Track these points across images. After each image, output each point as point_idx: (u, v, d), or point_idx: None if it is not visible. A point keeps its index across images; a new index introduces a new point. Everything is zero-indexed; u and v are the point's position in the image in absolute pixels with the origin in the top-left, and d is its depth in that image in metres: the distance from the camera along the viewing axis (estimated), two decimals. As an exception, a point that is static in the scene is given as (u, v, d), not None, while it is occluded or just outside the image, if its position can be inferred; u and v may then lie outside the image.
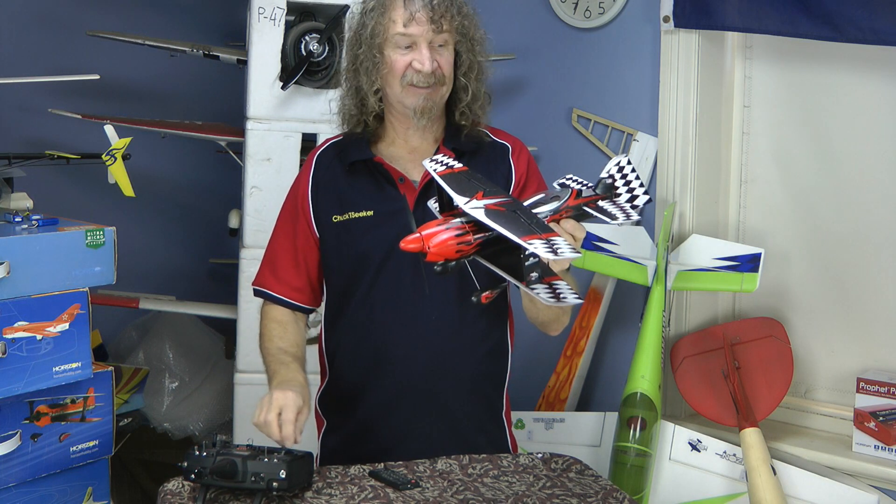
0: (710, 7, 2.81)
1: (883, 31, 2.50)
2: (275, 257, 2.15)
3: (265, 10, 2.97)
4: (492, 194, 1.55)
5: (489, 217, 1.49)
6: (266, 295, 2.15)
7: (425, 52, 1.96)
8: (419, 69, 1.97)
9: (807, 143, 2.90)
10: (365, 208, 2.04)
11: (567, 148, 3.30)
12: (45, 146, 2.97)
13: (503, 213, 1.50)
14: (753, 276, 2.72)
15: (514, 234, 1.45)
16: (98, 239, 2.25)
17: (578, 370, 3.13)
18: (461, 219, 1.56)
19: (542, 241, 1.44)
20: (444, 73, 2.00)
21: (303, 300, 2.14)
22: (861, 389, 2.64)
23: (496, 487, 1.86)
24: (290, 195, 2.15)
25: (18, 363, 2.12)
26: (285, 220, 2.15)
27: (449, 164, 1.68)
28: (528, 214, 1.52)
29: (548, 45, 3.34)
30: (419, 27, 1.95)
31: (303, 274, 2.12)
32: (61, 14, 3.66)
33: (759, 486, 2.54)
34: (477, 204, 1.53)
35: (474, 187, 1.57)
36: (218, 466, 1.71)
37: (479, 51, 2.06)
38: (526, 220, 1.49)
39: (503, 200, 1.54)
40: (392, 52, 1.98)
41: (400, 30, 1.96)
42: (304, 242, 2.11)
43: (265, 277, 2.16)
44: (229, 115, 3.57)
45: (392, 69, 1.99)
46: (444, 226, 1.56)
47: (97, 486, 2.38)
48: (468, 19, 2.02)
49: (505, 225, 1.47)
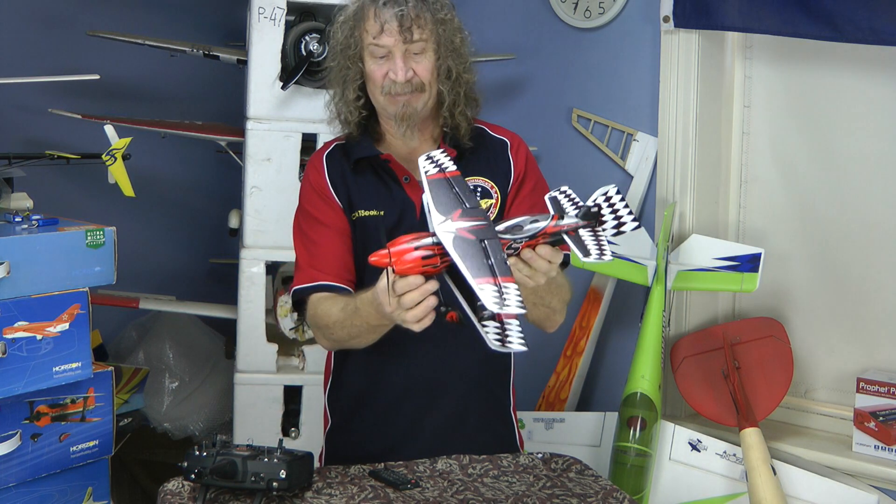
0: (710, 7, 2.81)
1: (883, 31, 2.50)
2: (312, 257, 2.04)
3: (265, 10, 2.97)
4: (469, 215, 1.55)
5: (455, 247, 1.49)
6: (311, 289, 2.02)
7: (399, 62, 1.97)
8: (393, 79, 1.98)
9: (807, 143, 2.90)
10: (375, 207, 2.04)
11: (567, 148, 3.30)
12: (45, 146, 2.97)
13: (470, 243, 1.50)
14: (753, 276, 2.72)
15: (471, 271, 1.45)
16: (98, 239, 2.25)
17: (578, 370, 3.13)
18: (433, 239, 1.56)
19: (494, 288, 1.43)
20: (423, 79, 1.99)
21: (350, 282, 2.03)
22: (861, 389, 2.64)
23: (496, 487, 1.86)
24: (310, 198, 2.08)
25: (18, 363, 2.12)
26: (312, 223, 2.06)
27: (442, 166, 1.67)
28: (495, 248, 1.51)
29: (548, 45, 3.34)
30: (390, 37, 1.96)
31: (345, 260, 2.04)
32: (61, 14, 3.65)
33: (759, 486, 2.54)
34: (449, 227, 1.53)
35: (455, 202, 1.57)
36: (218, 466, 1.71)
37: (459, 55, 2.04)
38: (489, 256, 1.48)
39: (477, 225, 1.53)
40: (370, 62, 2.00)
41: (372, 41, 1.97)
42: (338, 234, 2.04)
43: (306, 275, 2.04)
44: (229, 115, 3.57)
45: (371, 79, 2.01)
46: (414, 243, 1.56)
47: (97, 486, 2.38)
48: (444, 25, 2.00)
49: (466, 259, 1.47)
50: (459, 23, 2.05)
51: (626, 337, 3.10)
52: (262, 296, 3.11)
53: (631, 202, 3.10)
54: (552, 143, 3.33)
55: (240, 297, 3.10)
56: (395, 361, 2.04)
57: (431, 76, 2.01)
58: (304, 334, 3.16)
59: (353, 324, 1.88)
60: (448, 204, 1.58)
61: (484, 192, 2.06)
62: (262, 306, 3.11)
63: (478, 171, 2.08)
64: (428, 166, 1.67)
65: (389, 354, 2.02)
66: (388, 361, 2.04)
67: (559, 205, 1.68)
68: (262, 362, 3.12)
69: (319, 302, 1.99)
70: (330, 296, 1.99)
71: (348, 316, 1.89)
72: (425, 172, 1.65)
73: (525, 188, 2.09)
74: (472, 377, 2.08)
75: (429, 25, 1.98)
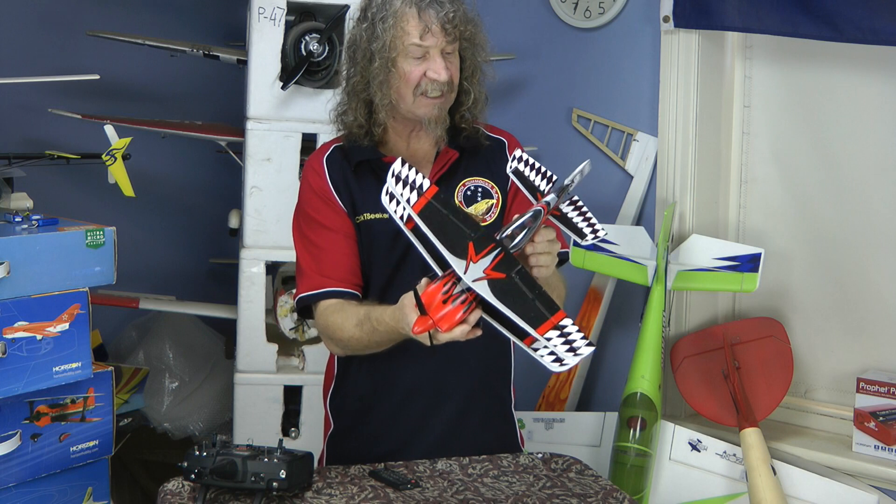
0: (710, 7, 2.81)
1: (883, 31, 2.50)
2: (317, 263, 2.03)
3: (265, 10, 2.97)
4: (481, 245, 1.55)
5: (496, 296, 1.51)
6: (318, 296, 2.01)
7: (440, 61, 1.95)
8: (434, 78, 1.95)
9: (807, 143, 2.90)
10: (380, 210, 2.00)
11: (567, 148, 3.30)
12: (45, 146, 2.97)
13: (506, 285, 1.52)
14: (753, 276, 2.72)
15: (526, 321, 1.48)
16: (98, 239, 2.25)
17: (578, 370, 3.13)
18: (462, 287, 1.56)
19: (558, 335, 1.47)
20: (454, 79, 2.00)
21: (357, 286, 2.03)
22: (861, 389, 2.64)
23: (496, 487, 1.86)
24: (312, 201, 2.06)
25: (18, 363, 2.12)
26: (315, 228, 2.05)
27: (414, 185, 1.63)
28: (526, 277, 1.53)
29: (548, 45, 3.34)
30: (434, 38, 1.94)
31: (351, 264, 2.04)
32: (61, 14, 3.66)
33: (759, 486, 2.54)
34: (476, 272, 1.53)
35: (459, 233, 1.57)
36: (218, 466, 1.71)
37: (482, 54, 2.05)
38: (528, 289, 1.51)
39: (496, 255, 1.54)
40: (405, 63, 1.96)
41: (415, 41, 1.94)
42: (343, 237, 2.03)
43: (312, 281, 2.03)
44: (229, 115, 3.57)
45: (406, 80, 1.96)
46: (450, 304, 1.57)
47: (97, 486, 2.38)
48: (474, 25, 2.02)
49: (515, 308, 1.50)
50: (482, 23, 2.06)
51: (626, 337, 3.10)
52: (262, 296, 3.11)
53: (631, 202, 3.11)
54: (552, 143, 3.32)
55: (240, 297, 3.10)
56: (401, 363, 2.03)
57: (458, 75, 2.01)
58: (304, 334, 3.16)
59: (371, 340, 1.91)
60: (456, 241, 1.57)
61: (484, 192, 2.06)
62: (262, 306, 3.11)
63: (477, 171, 2.08)
64: (405, 192, 1.62)
65: (395, 357, 2.01)
66: (395, 364, 2.04)
67: (525, 178, 1.75)
68: (262, 362, 3.12)
69: (330, 313, 1.99)
70: (339, 306, 1.98)
71: (366, 334, 1.91)
72: (407, 201, 1.61)
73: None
74: (477, 376, 2.08)
75: (467, 27, 1.99)
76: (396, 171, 1.65)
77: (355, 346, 1.97)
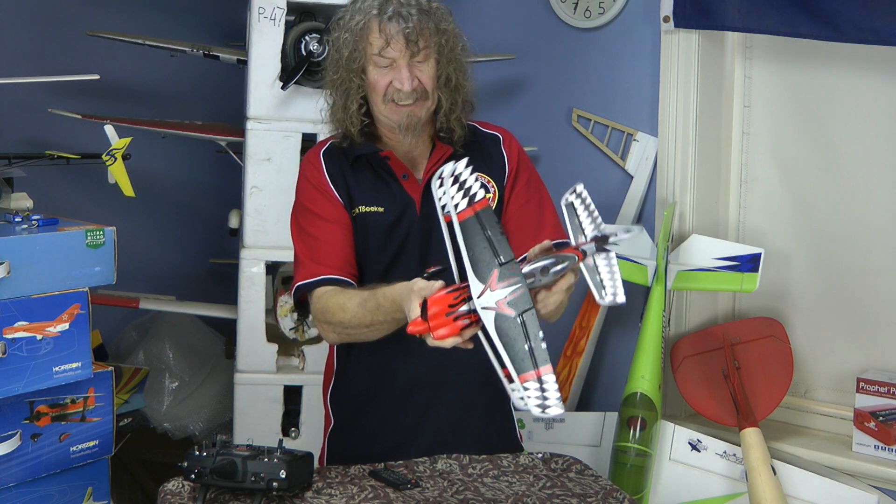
0: (710, 7, 2.81)
1: (883, 31, 2.50)
2: (312, 252, 2.04)
3: (265, 10, 2.97)
4: (506, 276, 1.54)
5: (496, 330, 1.52)
6: (315, 284, 2.00)
7: (405, 72, 1.97)
8: (399, 88, 1.97)
9: (807, 143, 2.90)
10: (375, 204, 2.03)
11: (567, 148, 3.30)
12: (45, 146, 2.97)
13: (510, 322, 1.52)
14: (753, 276, 2.73)
15: (514, 364, 1.49)
16: (98, 239, 2.25)
17: (578, 370, 3.13)
18: (469, 306, 1.57)
19: (536, 386, 1.48)
20: (427, 87, 2.00)
21: (353, 276, 2.03)
22: (861, 389, 2.64)
23: (496, 487, 1.86)
24: (309, 194, 2.08)
25: (18, 363, 2.12)
26: (311, 219, 2.07)
27: (469, 192, 1.59)
28: (532, 324, 1.53)
29: (548, 45, 3.34)
30: (396, 51, 1.96)
31: (347, 254, 2.04)
32: (61, 14, 3.65)
33: (759, 486, 2.54)
34: (489, 300, 1.53)
35: (490, 258, 1.56)
36: (218, 466, 1.71)
37: (459, 63, 2.05)
38: (528, 337, 1.51)
39: (514, 290, 1.54)
40: (373, 72, 1.99)
41: (376, 53, 1.97)
42: (340, 228, 2.04)
43: (308, 269, 2.03)
44: (229, 115, 3.57)
45: (374, 88, 2.00)
46: (452, 314, 1.58)
47: (97, 486, 2.38)
48: (446, 35, 2.01)
49: (509, 348, 1.51)
50: (459, 30, 2.06)
51: (626, 337, 3.10)
52: (262, 296, 3.11)
53: (631, 202, 3.11)
54: (552, 143, 3.33)
55: (240, 297, 3.10)
56: (400, 357, 2.04)
57: (433, 83, 2.01)
58: (304, 334, 3.16)
59: (373, 319, 1.88)
60: (484, 262, 1.56)
61: (481, 187, 2.06)
62: (262, 306, 3.11)
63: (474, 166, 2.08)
64: (456, 196, 1.58)
65: (395, 350, 2.01)
66: (394, 357, 2.04)
67: (576, 215, 1.69)
68: (262, 362, 3.12)
69: (329, 295, 1.97)
70: (339, 289, 1.98)
71: (369, 311, 1.88)
72: (455, 206, 1.57)
73: (520, 182, 2.10)
74: (477, 370, 2.07)
75: (433, 36, 1.98)
76: (458, 172, 1.60)
77: (354, 328, 1.93)
